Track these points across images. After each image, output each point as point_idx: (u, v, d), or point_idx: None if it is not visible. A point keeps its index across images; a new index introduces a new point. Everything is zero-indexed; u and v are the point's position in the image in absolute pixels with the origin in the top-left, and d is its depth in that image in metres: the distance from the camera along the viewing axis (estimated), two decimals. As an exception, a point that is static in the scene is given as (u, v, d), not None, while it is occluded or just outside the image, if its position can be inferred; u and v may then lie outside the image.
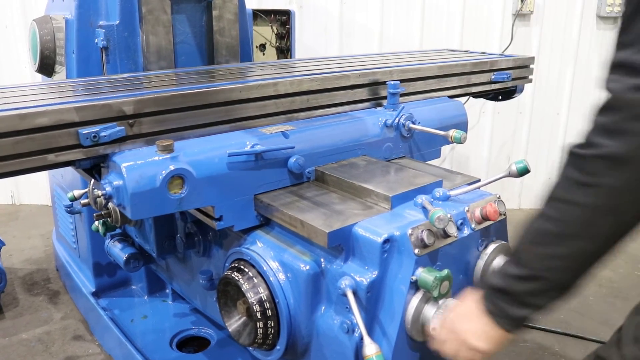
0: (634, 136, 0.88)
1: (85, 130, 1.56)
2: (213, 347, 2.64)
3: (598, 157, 0.93)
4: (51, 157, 1.55)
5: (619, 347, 1.19)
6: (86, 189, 1.71)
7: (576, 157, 0.98)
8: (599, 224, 0.97)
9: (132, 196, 1.50)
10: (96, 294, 3.08)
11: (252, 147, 1.72)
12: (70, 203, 2.89)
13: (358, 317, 1.43)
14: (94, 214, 2.20)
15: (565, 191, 1.00)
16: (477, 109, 4.82)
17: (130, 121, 1.65)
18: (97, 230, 2.42)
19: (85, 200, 2.03)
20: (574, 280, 1.06)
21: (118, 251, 2.41)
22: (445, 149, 2.87)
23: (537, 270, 1.08)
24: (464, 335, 1.24)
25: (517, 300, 1.12)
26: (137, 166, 1.53)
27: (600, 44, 4.81)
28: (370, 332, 1.47)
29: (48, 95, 1.87)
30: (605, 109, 0.93)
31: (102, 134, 1.58)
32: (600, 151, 0.92)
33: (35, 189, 5.00)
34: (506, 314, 1.15)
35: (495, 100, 3.17)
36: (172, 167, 1.55)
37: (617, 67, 0.92)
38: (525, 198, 5.14)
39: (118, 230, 2.47)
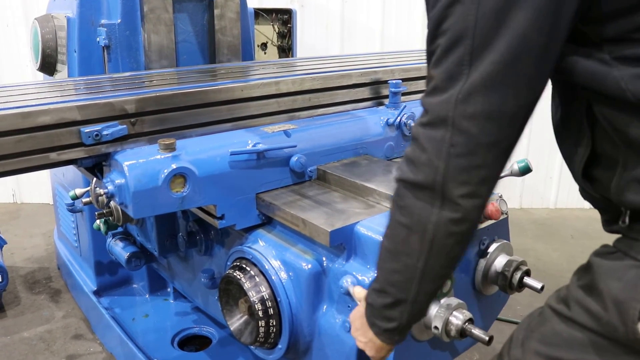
0: (424, 166, 0.99)
1: (87, 129, 1.56)
2: (214, 346, 2.64)
3: (401, 181, 1.05)
4: (53, 156, 1.56)
5: (509, 348, 1.25)
6: (88, 188, 1.71)
7: (395, 181, 1.08)
8: (412, 241, 1.05)
9: (134, 195, 1.51)
10: (97, 293, 3.08)
11: (254, 145, 1.72)
12: (72, 202, 2.88)
13: None
14: (96, 213, 2.20)
15: (392, 211, 1.10)
16: (478, 108, 4.81)
17: (132, 120, 1.65)
18: (99, 229, 2.43)
19: (87, 199, 2.03)
20: (417, 295, 1.11)
21: (120, 250, 2.41)
22: (446, 148, 2.89)
23: (384, 284, 1.15)
24: (363, 346, 1.31)
25: (379, 314, 1.19)
26: (139, 165, 1.53)
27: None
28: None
29: (50, 94, 1.87)
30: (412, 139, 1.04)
31: (104, 132, 1.58)
32: (402, 176, 1.04)
33: (36, 188, 5.00)
34: (377, 325, 1.21)
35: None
36: (174, 166, 1.55)
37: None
38: (526, 197, 5.14)
39: (120, 229, 2.47)
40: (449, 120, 0.94)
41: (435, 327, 1.48)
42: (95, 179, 1.69)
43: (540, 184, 5.08)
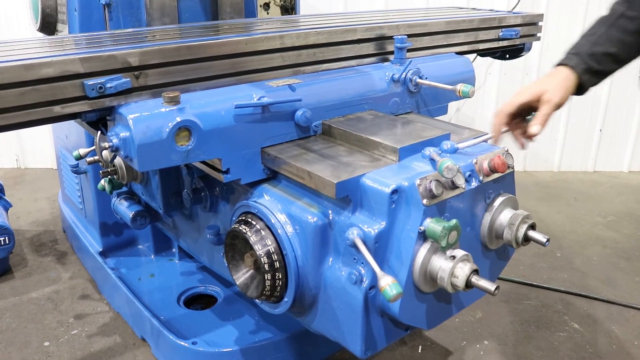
0: None
1: (90, 82, 1.54)
2: (220, 304, 2.67)
3: None
4: (57, 109, 1.54)
5: None
6: (92, 147, 1.70)
7: None
8: None
9: (139, 147, 1.49)
10: (103, 254, 3.11)
11: (258, 99, 1.70)
12: (76, 163, 2.89)
13: (368, 256, 1.43)
14: (100, 171, 2.20)
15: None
16: (483, 70, 4.76)
17: (136, 73, 1.63)
18: (103, 189, 2.43)
19: (91, 158, 2.03)
20: None
21: (125, 209, 2.41)
22: (450, 110, 2.84)
23: None
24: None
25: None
26: (144, 118, 1.52)
27: (611, 1, 4.72)
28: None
29: (52, 48, 1.85)
30: None
31: (108, 85, 1.56)
32: None
33: (40, 153, 5.01)
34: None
35: (502, 59, 3.13)
36: (178, 119, 1.54)
37: None
38: (530, 160, 5.13)
39: (124, 188, 2.47)
40: None
41: (441, 278, 1.49)
42: (99, 133, 1.68)
43: (544, 147, 5.06)
